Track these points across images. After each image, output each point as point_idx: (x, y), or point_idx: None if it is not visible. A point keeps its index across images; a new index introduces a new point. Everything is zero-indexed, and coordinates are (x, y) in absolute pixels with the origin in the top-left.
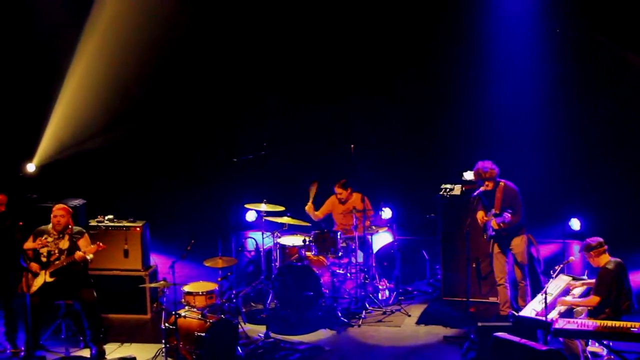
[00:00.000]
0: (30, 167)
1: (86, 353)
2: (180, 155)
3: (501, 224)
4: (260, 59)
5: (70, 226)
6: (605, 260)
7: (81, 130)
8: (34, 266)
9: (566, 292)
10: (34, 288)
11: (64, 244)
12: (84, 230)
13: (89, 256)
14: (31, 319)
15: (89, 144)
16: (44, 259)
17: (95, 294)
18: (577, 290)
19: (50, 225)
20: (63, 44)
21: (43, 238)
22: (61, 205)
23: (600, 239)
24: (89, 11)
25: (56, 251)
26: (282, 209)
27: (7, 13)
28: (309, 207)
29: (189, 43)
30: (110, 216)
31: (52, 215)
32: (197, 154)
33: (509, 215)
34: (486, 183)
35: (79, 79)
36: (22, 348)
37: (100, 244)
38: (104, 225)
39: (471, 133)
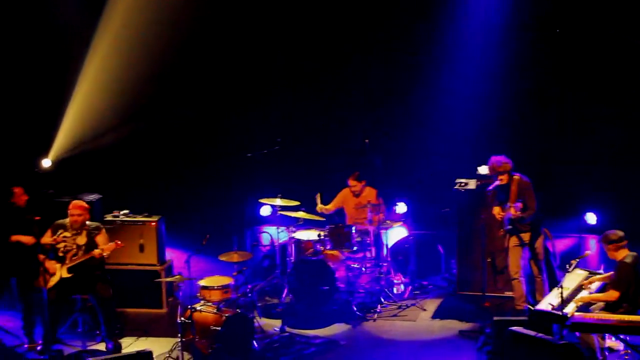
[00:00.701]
0: (46, 163)
1: (103, 347)
2: (195, 150)
3: (517, 212)
4: (272, 52)
5: (87, 222)
6: (624, 254)
7: (96, 125)
8: (51, 265)
9: (579, 290)
10: (51, 283)
11: (82, 239)
12: (102, 226)
13: (106, 253)
14: (48, 313)
15: (104, 139)
16: (61, 254)
17: (111, 289)
18: (593, 285)
19: (67, 220)
20: (77, 41)
21: (59, 234)
22: (78, 203)
23: (621, 233)
24: (102, 8)
25: (74, 247)
26: (297, 203)
27: (23, 11)
28: (319, 208)
29: (202, 38)
30: (126, 211)
31: (69, 213)
32: (212, 148)
33: (521, 204)
34: (500, 177)
35: (93, 74)
36: (40, 342)
37: (119, 242)
38: (119, 220)
39: (486, 127)
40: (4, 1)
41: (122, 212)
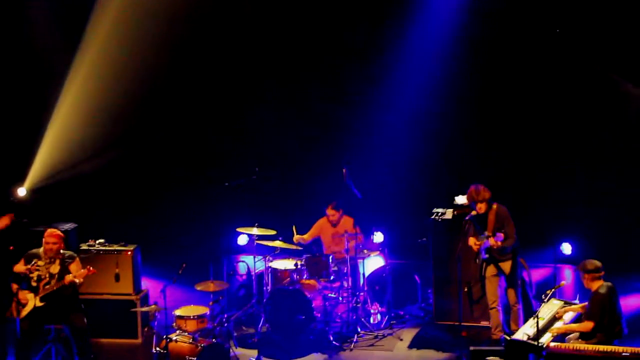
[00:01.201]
0: (21, 191)
1: None
2: (172, 179)
3: (498, 243)
4: (250, 79)
5: (62, 251)
6: (599, 284)
7: (72, 154)
8: (24, 295)
9: (554, 320)
10: (24, 313)
11: (55, 268)
12: (75, 255)
13: (78, 280)
14: (21, 343)
15: (80, 168)
16: (34, 284)
17: (85, 319)
18: (567, 316)
19: (41, 249)
20: (55, 68)
21: (33, 263)
22: (54, 231)
23: (599, 264)
24: (81, 35)
25: (47, 275)
26: (273, 232)
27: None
28: (296, 238)
29: (180, 65)
30: (101, 240)
31: (44, 242)
32: (189, 178)
33: (502, 235)
34: (479, 206)
35: (70, 102)
36: None
37: (91, 268)
38: (95, 249)
39: (463, 156)
40: None
41: (97, 241)
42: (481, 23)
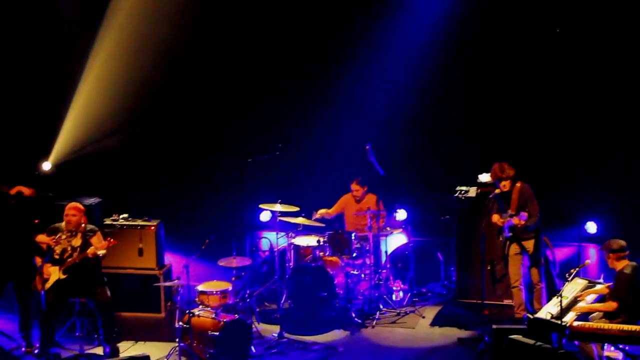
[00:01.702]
0: (46, 166)
1: (100, 351)
2: (196, 155)
3: (521, 222)
4: (274, 57)
5: (83, 224)
6: (624, 264)
7: (97, 128)
8: (46, 269)
9: (578, 299)
10: (48, 285)
11: (77, 241)
12: (97, 228)
13: (101, 252)
14: (46, 316)
15: (105, 142)
16: (57, 257)
17: (109, 292)
18: (590, 297)
19: (63, 223)
20: (79, 42)
21: (57, 236)
22: (73, 204)
23: (624, 243)
24: (105, 9)
25: (69, 248)
26: (296, 209)
27: (25, 14)
28: (320, 212)
29: (205, 41)
30: (125, 215)
31: (64, 214)
32: (212, 153)
33: (526, 214)
34: (503, 184)
35: (95, 77)
36: (37, 345)
37: (111, 239)
38: (118, 224)
39: (488, 134)
40: (5, 3)
41: (121, 216)
42: None
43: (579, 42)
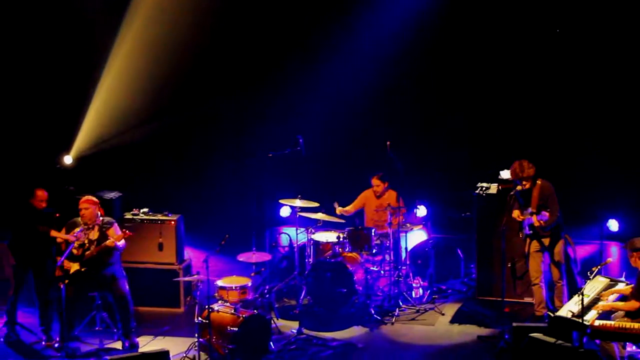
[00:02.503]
0: (68, 160)
1: (120, 345)
2: (217, 150)
3: (541, 222)
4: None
5: (100, 216)
6: None
7: (118, 122)
8: (66, 265)
9: (600, 297)
10: (67, 281)
11: (94, 234)
12: (113, 220)
13: (120, 243)
14: (65, 310)
15: (126, 136)
16: (75, 251)
17: (127, 286)
18: (612, 296)
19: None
20: (101, 37)
21: (76, 231)
22: (86, 197)
23: None
24: (127, 5)
25: (86, 242)
26: (316, 204)
27: (47, 8)
28: (339, 210)
29: (225, 35)
30: (146, 209)
31: (79, 208)
32: (233, 148)
33: (547, 214)
34: (523, 182)
35: (116, 71)
36: (57, 339)
37: (127, 230)
38: (139, 218)
39: (510, 131)
40: None
41: (142, 211)
42: None
43: (600, 36)
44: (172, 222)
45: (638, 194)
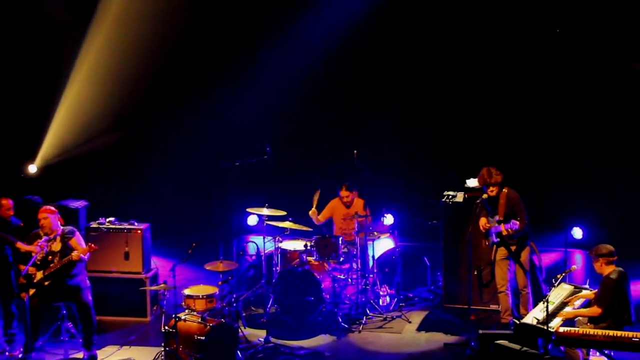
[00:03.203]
0: (32, 169)
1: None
2: (183, 158)
3: (509, 230)
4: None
5: (61, 226)
6: (610, 269)
7: (84, 131)
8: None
9: (564, 305)
10: (31, 291)
11: (57, 245)
12: (74, 229)
13: (84, 255)
14: (29, 320)
15: (92, 145)
16: (38, 262)
17: (90, 297)
18: (578, 302)
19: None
20: (66, 44)
21: (40, 241)
22: (44, 207)
23: (612, 248)
24: (93, 11)
25: (49, 254)
26: (283, 213)
27: (10, 12)
28: (312, 212)
29: (193, 41)
30: (112, 218)
31: (37, 219)
32: (200, 156)
33: (518, 222)
34: (491, 188)
35: (82, 79)
36: (21, 349)
37: (92, 244)
38: (105, 227)
39: (474, 140)
40: None
41: (108, 219)
42: None
43: (570, 48)
44: (139, 231)
45: (602, 201)
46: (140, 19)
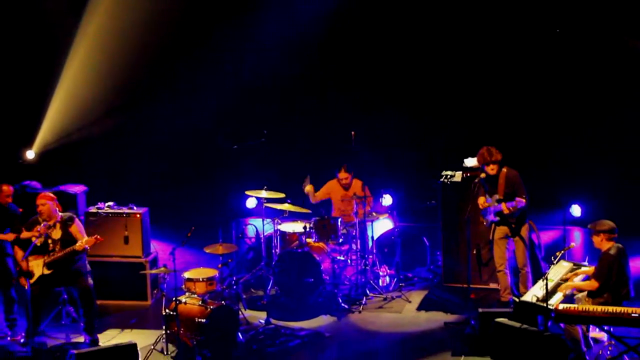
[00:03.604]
0: (30, 154)
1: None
2: (181, 142)
3: (511, 209)
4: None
5: (59, 212)
6: (609, 245)
7: (81, 116)
8: (29, 264)
9: (563, 282)
10: (32, 280)
11: (57, 233)
12: (74, 216)
13: (88, 245)
14: (31, 306)
15: (90, 130)
16: (38, 245)
17: (91, 281)
18: (577, 278)
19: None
20: (63, 30)
21: (37, 228)
22: (43, 194)
23: (613, 224)
24: None
25: (50, 242)
26: (282, 195)
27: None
28: (309, 188)
29: (188, 28)
30: (111, 203)
31: (35, 205)
32: (198, 140)
33: (523, 200)
34: (491, 166)
35: (79, 64)
36: (23, 334)
37: (98, 237)
38: (104, 212)
39: (473, 118)
40: None
41: (107, 204)
42: None
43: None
44: (138, 215)
45: (600, 179)
46: (137, 5)
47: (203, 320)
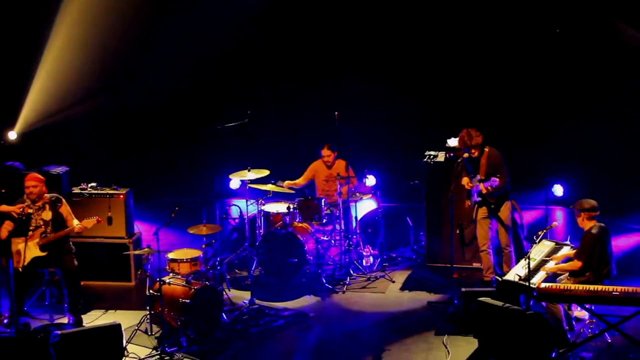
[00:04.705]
0: (12, 135)
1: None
2: (164, 122)
3: (489, 188)
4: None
5: (45, 194)
6: (591, 224)
7: (64, 97)
8: (15, 246)
9: (546, 261)
10: (25, 262)
11: (47, 214)
12: (60, 196)
13: (89, 226)
14: (15, 286)
15: (72, 111)
16: (30, 232)
17: (76, 262)
18: (558, 262)
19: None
20: (44, 10)
21: (24, 204)
22: (33, 175)
23: (595, 203)
24: None
25: (41, 223)
26: (266, 172)
27: None
28: (287, 184)
29: (174, 7)
30: (94, 184)
31: (25, 186)
32: (181, 121)
33: (497, 179)
34: (472, 150)
35: (61, 44)
36: (6, 315)
37: (99, 218)
38: (87, 193)
39: (455, 99)
40: None
41: (89, 185)
42: None
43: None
44: (121, 196)
45: (582, 158)
46: None
47: (187, 301)
